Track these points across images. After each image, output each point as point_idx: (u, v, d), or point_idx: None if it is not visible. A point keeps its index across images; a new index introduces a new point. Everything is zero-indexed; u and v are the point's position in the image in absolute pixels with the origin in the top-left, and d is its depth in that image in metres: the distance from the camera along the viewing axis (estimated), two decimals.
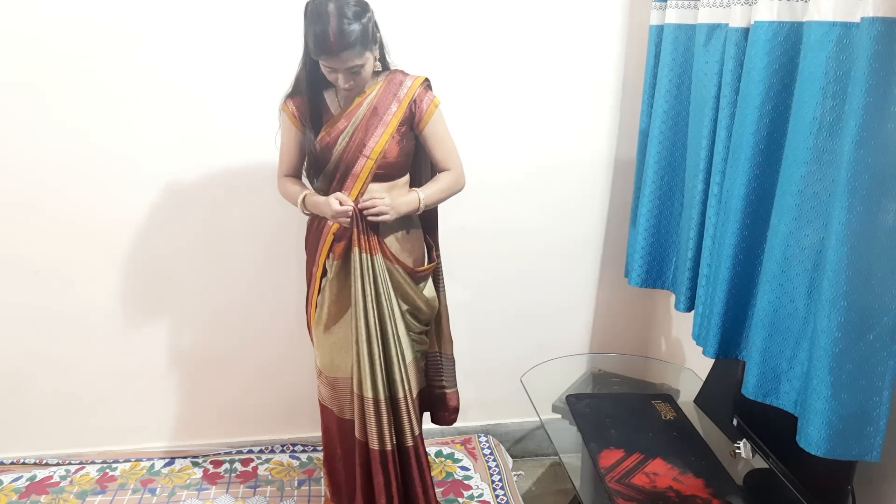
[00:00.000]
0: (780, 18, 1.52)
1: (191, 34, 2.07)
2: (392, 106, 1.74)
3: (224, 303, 2.35)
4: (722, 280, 1.73)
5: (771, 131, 1.59)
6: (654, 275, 2.20)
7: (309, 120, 1.77)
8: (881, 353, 1.35)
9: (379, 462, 1.82)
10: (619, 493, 1.68)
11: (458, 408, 2.08)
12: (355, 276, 1.75)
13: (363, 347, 1.77)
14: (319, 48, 1.59)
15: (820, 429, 1.40)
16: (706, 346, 1.80)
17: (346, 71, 1.63)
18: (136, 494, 2.23)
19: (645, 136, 2.15)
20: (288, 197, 1.87)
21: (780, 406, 1.60)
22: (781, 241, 1.54)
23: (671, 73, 2.01)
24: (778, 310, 1.58)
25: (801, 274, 1.52)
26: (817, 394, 1.41)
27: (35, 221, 2.18)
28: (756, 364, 1.62)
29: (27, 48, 2.02)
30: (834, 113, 1.41)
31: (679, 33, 1.98)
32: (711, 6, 1.81)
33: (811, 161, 1.46)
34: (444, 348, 2.04)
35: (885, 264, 1.33)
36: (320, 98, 1.79)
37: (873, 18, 1.25)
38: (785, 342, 1.58)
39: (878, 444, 1.38)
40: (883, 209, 1.32)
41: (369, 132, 1.73)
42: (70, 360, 2.34)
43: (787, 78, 1.55)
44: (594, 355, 2.57)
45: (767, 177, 1.62)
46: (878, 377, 1.36)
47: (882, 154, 1.29)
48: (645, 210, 2.14)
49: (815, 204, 1.47)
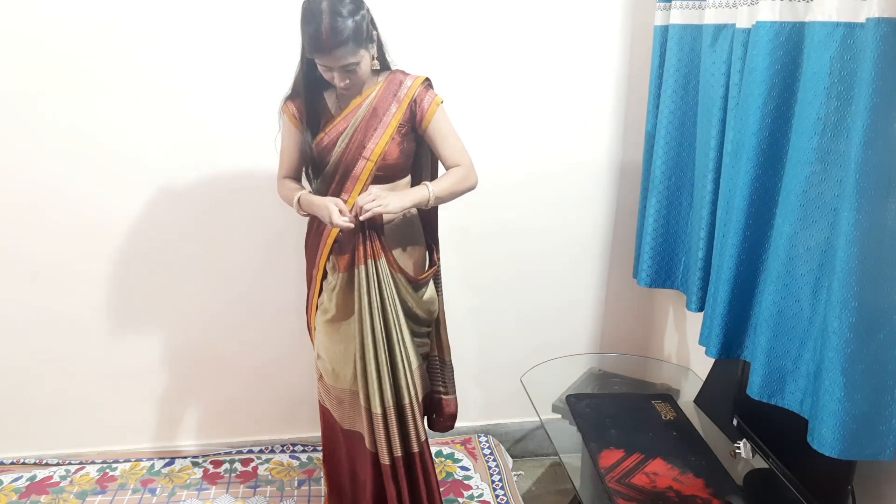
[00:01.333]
0: (783, 18, 1.52)
1: (191, 34, 2.07)
2: (392, 107, 1.72)
3: (224, 303, 2.35)
4: (725, 281, 1.72)
5: (773, 132, 1.59)
6: (663, 275, 2.20)
7: (307, 122, 1.76)
8: (892, 352, 1.36)
9: (390, 476, 1.79)
10: (619, 493, 1.68)
11: (455, 414, 2.06)
12: (361, 288, 1.71)
13: (370, 362, 1.73)
14: (313, 46, 1.58)
15: (834, 430, 1.40)
16: (709, 347, 1.80)
17: (341, 69, 1.61)
18: (136, 494, 2.23)
19: (651, 137, 2.15)
20: (285, 198, 1.85)
21: (786, 406, 1.60)
22: (786, 241, 1.54)
23: (677, 73, 2.01)
24: (783, 310, 1.58)
25: (806, 274, 1.52)
26: (830, 395, 1.40)
27: (35, 221, 2.18)
28: (761, 365, 1.62)
29: (27, 48, 2.02)
30: (838, 113, 1.41)
31: (684, 34, 1.98)
32: (718, 6, 1.81)
33: (815, 161, 1.46)
34: (442, 354, 2.02)
35: (894, 264, 1.33)
36: (319, 99, 1.78)
37: (879, 19, 1.25)
38: (790, 343, 1.58)
39: (891, 443, 1.38)
40: (891, 209, 1.32)
41: (369, 133, 1.72)
42: (70, 360, 2.34)
43: (790, 78, 1.54)
44: (594, 355, 2.57)
45: (770, 177, 1.62)
46: (890, 376, 1.37)
47: (890, 154, 1.29)
48: (653, 211, 2.14)
49: (819, 204, 1.47)
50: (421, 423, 1.85)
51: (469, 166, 1.80)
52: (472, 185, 1.81)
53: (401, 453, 1.80)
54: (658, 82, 2.11)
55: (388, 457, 1.79)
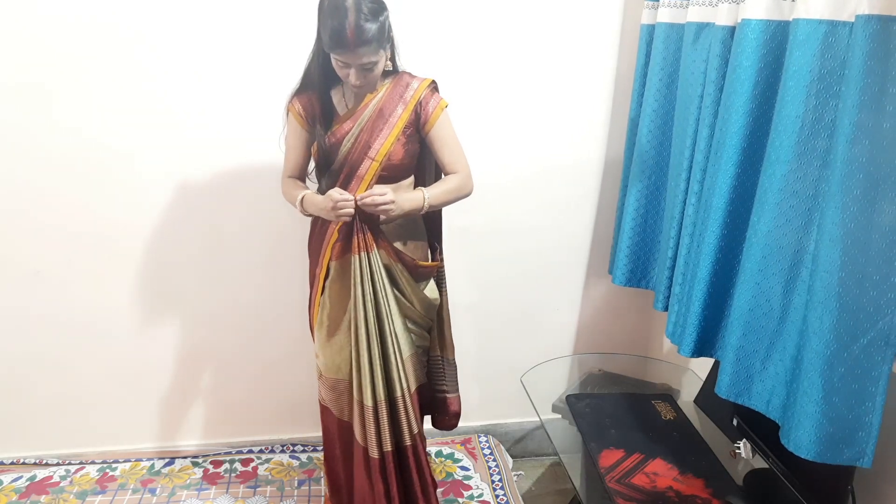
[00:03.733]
0: (769, 17, 1.50)
1: (192, 34, 2.06)
2: (398, 108, 1.73)
3: (224, 303, 2.35)
4: (700, 279, 1.71)
5: (754, 130, 1.58)
6: (638, 274, 2.19)
7: (320, 116, 1.76)
8: (875, 358, 1.31)
9: (378, 470, 1.81)
10: (619, 493, 1.68)
11: (458, 413, 2.07)
12: (354, 278, 1.73)
13: (363, 353, 1.75)
14: (335, 42, 1.57)
15: (809, 432, 1.38)
16: (682, 345, 1.79)
17: (360, 67, 1.62)
18: (136, 494, 2.23)
19: (633, 134, 2.14)
20: (289, 198, 1.86)
21: (752, 406, 1.58)
22: (760, 239, 1.52)
23: (661, 72, 2.00)
24: (753, 309, 1.56)
25: (778, 273, 1.51)
26: (808, 396, 1.38)
27: (35, 222, 2.18)
28: (730, 363, 1.61)
29: (26, 48, 2.01)
30: (817, 111, 1.40)
31: (670, 32, 1.97)
32: (700, 5, 1.80)
33: (793, 159, 1.44)
34: (445, 352, 2.02)
35: (880, 267, 1.28)
36: (327, 97, 1.78)
37: (868, 16, 1.24)
38: (759, 342, 1.57)
39: (870, 450, 1.35)
40: (878, 209, 1.28)
41: (374, 134, 1.73)
42: (70, 360, 2.34)
43: (772, 77, 1.53)
44: (594, 355, 2.57)
45: (749, 176, 1.61)
46: (872, 382, 1.32)
47: (876, 153, 1.27)
48: (631, 209, 2.13)
49: (794, 203, 1.46)
50: (415, 415, 1.85)
51: (466, 174, 1.82)
52: (468, 193, 1.83)
53: (391, 448, 1.81)
54: (642, 80, 2.10)
55: (378, 451, 1.80)
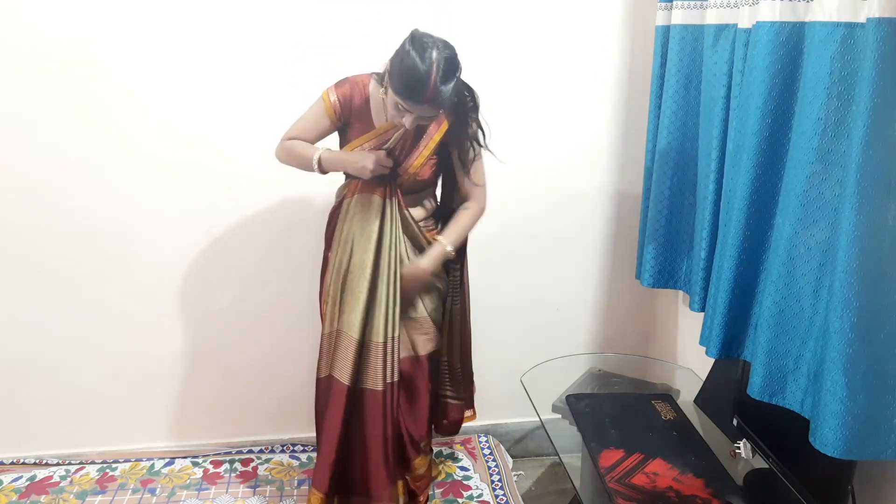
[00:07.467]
0: (783, 18, 1.51)
1: (192, 34, 2.07)
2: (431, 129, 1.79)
3: (224, 303, 2.35)
4: (725, 280, 1.72)
5: (773, 132, 1.59)
6: (665, 275, 2.21)
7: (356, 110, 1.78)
8: (892, 352, 1.35)
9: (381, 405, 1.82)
10: (619, 493, 1.68)
11: (459, 420, 2.09)
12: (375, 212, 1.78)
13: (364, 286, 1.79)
14: (407, 94, 1.57)
15: (836, 430, 1.40)
16: (709, 347, 1.80)
17: (419, 117, 1.64)
18: (136, 494, 2.23)
19: (653, 136, 2.15)
20: (293, 155, 1.81)
21: (787, 406, 1.59)
22: (786, 241, 1.54)
23: (679, 73, 2.01)
24: (784, 310, 1.58)
25: (807, 274, 1.52)
26: (832, 395, 1.40)
27: (35, 221, 2.18)
28: (762, 364, 1.62)
29: (27, 48, 2.02)
30: (839, 113, 1.41)
31: (686, 33, 1.98)
32: (720, 7, 1.82)
33: (816, 161, 1.46)
34: (453, 359, 2.05)
35: (894, 263, 1.33)
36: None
37: (879, 19, 1.25)
38: (791, 342, 1.58)
39: (893, 443, 1.38)
40: (892, 209, 1.32)
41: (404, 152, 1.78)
42: (70, 360, 2.34)
43: (790, 78, 1.54)
44: (594, 355, 2.57)
45: (770, 177, 1.62)
46: (891, 375, 1.36)
47: (891, 154, 1.29)
48: (655, 211, 2.14)
49: (820, 204, 1.47)
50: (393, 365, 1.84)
51: (482, 204, 1.91)
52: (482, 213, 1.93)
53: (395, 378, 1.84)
54: (660, 82, 2.12)
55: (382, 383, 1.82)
